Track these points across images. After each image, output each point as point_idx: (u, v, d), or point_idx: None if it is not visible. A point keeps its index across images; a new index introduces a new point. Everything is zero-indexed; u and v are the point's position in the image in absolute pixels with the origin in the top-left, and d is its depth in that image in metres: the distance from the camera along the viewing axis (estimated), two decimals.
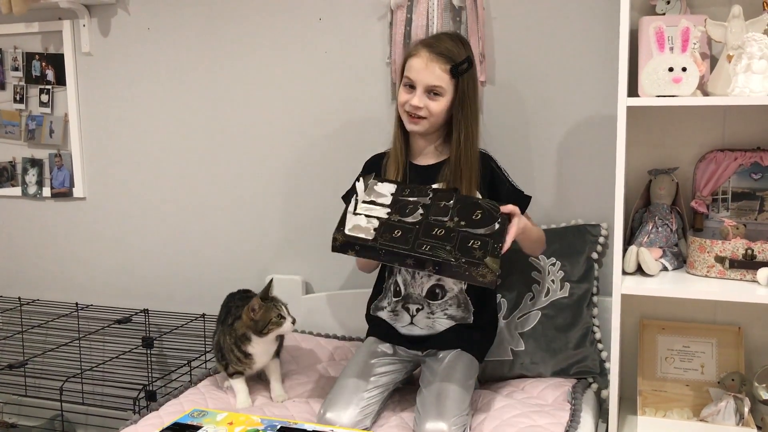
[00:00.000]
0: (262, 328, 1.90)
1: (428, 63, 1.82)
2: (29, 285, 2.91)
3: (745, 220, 1.92)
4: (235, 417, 1.59)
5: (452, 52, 1.82)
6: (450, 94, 1.83)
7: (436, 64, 1.81)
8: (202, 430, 1.52)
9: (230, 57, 2.49)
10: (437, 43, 1.84)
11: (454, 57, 1.82)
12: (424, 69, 1.82)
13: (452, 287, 1.89)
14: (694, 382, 1.99)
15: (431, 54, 1.82)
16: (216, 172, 2.58)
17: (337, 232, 1.68)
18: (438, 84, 1.82)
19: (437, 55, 1.81)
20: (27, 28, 2.72)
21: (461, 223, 1.70)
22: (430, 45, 1.84)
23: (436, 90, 1.82)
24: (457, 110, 1.85)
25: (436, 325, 1.89)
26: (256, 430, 1.53)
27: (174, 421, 1.58)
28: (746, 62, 1.65)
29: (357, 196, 1.77)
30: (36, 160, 2.81)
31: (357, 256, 1.74)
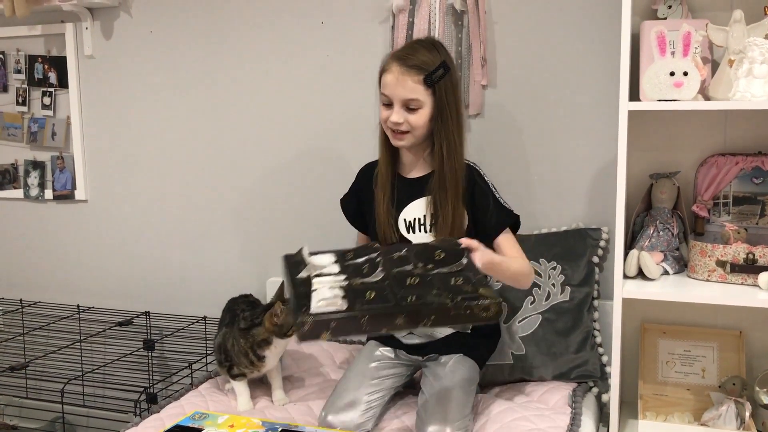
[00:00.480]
0: (286, 330, 1.91)
1: (399, 77, 1.75)
2: (31, 287, 2.91)
3: (746, 224, 1.92)
4: (236, 419, 1.59)
5: (424, 61, 1.75)
6: (429, 104, 1.77)
7: (408, 76, 1.74)
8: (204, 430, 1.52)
9: (232, 60, 2.50)
10: (407, 54, 1.77)
11: (426, 66, 1.74)
12: (396, 83, 1.76)
13: None
14: (695, 386, 1.99)
15: (402, 67, 1.75)
16: (217, 174, 2.58)
17: (302, 315, 1.39)
18: (413, 97, 1.75)
19: (408, 68, 1.75)
20: (30, 30, 2.73)
21: (428, 266, 1.52)
22: (400, 57, 1.77)
23: (413, 103, 1.76)
24: (436, 120, 1.78)
25: (436, 333, 1.89)
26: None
27: (175, 424, 1.58)
28: (747, 67, 1.66)
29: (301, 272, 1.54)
30: (38, 163, 2.82)
31: (333, 337, 1.42)
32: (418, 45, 1.81)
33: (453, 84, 1.79)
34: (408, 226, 1.87)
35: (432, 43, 1.82)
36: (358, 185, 2.01)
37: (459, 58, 2.21)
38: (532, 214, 2.20)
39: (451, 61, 1.81)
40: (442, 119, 1.77)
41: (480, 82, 2.19)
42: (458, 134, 1.81)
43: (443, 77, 1.76)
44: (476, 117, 2.24)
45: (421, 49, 1.78)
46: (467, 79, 2.21)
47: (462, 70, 2.21)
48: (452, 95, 1.78)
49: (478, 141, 2.24)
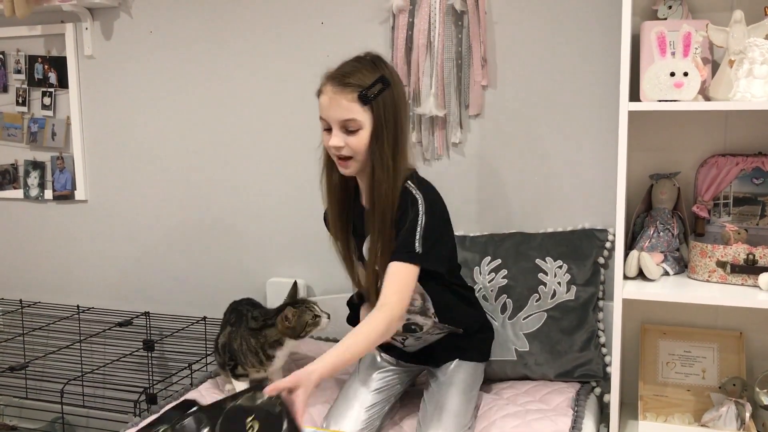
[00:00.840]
0: (300, 332, 1.92)
1: (333, 96, 1.62)
2: (31, 287, 2.91)
3: (747, 225, 1.92)
4: None
5: (357, 77, 1.61)
6: (369, 124, 1.62)
7: (342, 95, 1.61)
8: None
9: (232, 60, 2.50)
10: (340, 72, 1.65)
11: (360, 82, 1.61)
12: (330, 104, 1.63)
13: (425, 321, 1.81)
14: (695, 387, 1.98)
15: (334, 86, 1.63)
16: (217, 174, 2.58)
17: None
18: (349, 117, 1.61)
19: (341, 86, 1.62)
20: (30, 31, 2.73)
21: None
22: (333, 76, 1.65)
23: (351, 125, 1.62)
24: (372, 141, 1.62)
25: (429, 340, 1.87)
26: None
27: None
28: (748, 67, 1.66)
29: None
30: (38, 163, 2.82)
31: None
32: (353, 61, 1.68)
33: (394, 101, 1.64)
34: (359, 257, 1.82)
35: (369, 58, 1.69)
36: None
37: (459, 59, 2.21)
38: (536, 213, 2.20)
39: (393, 76, 1.66)
40: (378, 140, 1.62)
41: (480, 83, 2.19)
42: (393, 158, 1.63)
43: (381, 93, 1.61)
44: (476, 117, 2.23)
45: (355, 65, 1.66)
46: (467, 80, 2.21)
47: (462, 70, 2.21)
48: (392, 113, 1.63)
49: (478, 141, 2.24)
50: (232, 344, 1.97)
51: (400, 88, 1.68)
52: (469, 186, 2.26)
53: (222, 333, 2.05)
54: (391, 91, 1.63)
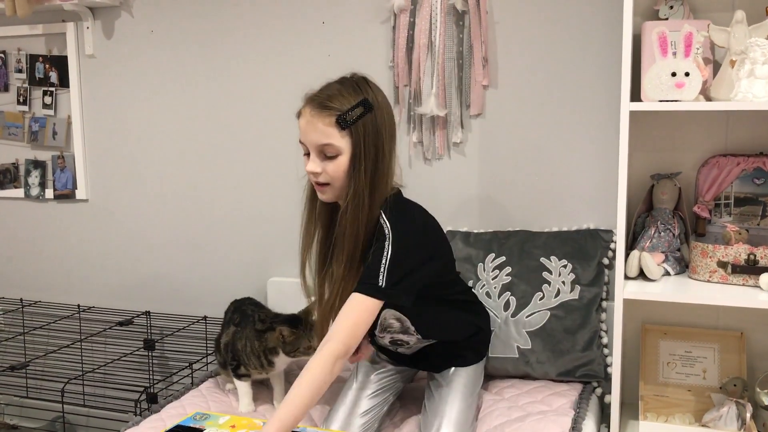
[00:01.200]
0: (290, 352, 1.90)
1: (310, 120, 1.55)
2: (31, 286, 2.91)
3: (748, 225, 1.92)
4: (237, 420, 1.59)
5: (337, 100, 1.54)
6: (348, 149, 1.54)
7: (319, 119, 1.54)
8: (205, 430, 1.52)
9: (233, 60, 2.50)
10: (319, 94, 1.57)
11: (339, 105, 1.53)
12: (307, 127, 1.56)
13: (410, 338, 1.79)
14: (696, 387, 1.98)
15: (313, 109, 1.56)
16: (219, 174, 2.58)
17: None
18: (326, 142, 1.54)
19: (319, 109, 1.54)
20: (31, 30, 2.73)
21: None
22: (312, 98, 1.58)
23: (328, 150, 1.54)
24: (350, 167, 1.54)
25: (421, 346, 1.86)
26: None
27: (176, 424, 1.58)
28: (749, 67, 1.66)
29: None
30: (39, 162, 2.82)
31: None
32: (335, 83, 1.60)
33: (376, 126, 1.55)
34: None
35: (353, 79, 1.60)
36: None
37: (460, 58, 2.21)
38: (537, 213, 2.20)
39: (378, 99, 1.57)
40: (355, 167, 1.54)
41: (481, 83, 2.19)
42: (371, 186, 1.55)
43: (361, 117, 1.53)
44: (477, 117, 2.23)
45: (336, 87, 1.58)
46: (468, 80, 2.21)
47: (463, 70, 2.21)
48: (372, 139, 1.54)
49: (480, 141, 2.24)
50: (236, 344, 1.97)
51: (384, 111, 1.59)
52: (470, 186, 2.26)
53: (225, 332, 2.05)
54: (373, 116, 1.55)
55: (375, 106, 1.56)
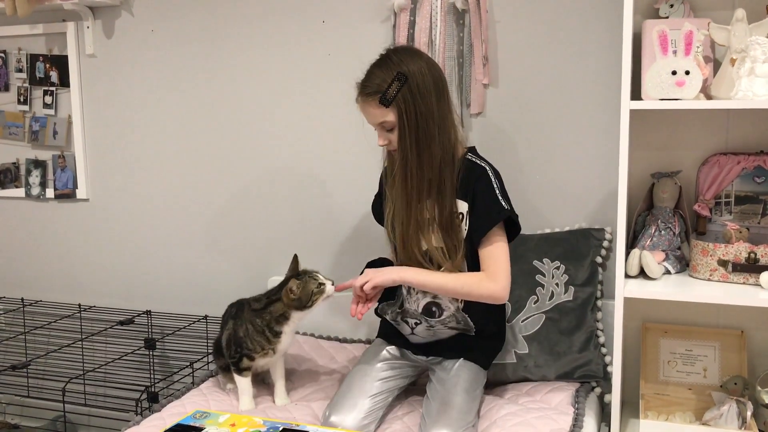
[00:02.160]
0: (306, 302, 1.91)
1: (363, 106, 1.79)
2: (32, 286, 2.91)
3: (748, 223, 1.92)
4: (237, 418, 1.59)
5: (375, 83, 1.74)
6: (397, 121, 1.75)
7: (368, 104, 1.76)
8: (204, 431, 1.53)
9: (234, 59, 2.50)
10: (363, 82, 1.78)
11: (378, 87, 1.73)
12: (365, 113, 1.80)
13: (449, 305, 1.86)
14: (696, 385, 1.98)
15: (361, 96, 1.78)
16: (219, 173, 2.58)
17: None
18: (381, 120, 1.76)
19: (365, 96, 1.76)
20: (31, 29, 2.73)
21: None
22: (359, 88, 1.79)
23: (386, 125, 1.77)
24: (401, 135, 1.76)
25: (438, 334, 1.89)
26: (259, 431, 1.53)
27: (176, 423, 1.58)
28: (749, 66, 1.66)
29: None
30: (39, 162, 2.82)
31: None
32: (373, 66, 1.78)
33: (414, 90, 1.73)
34: None
35: (386, 55, 1.79)
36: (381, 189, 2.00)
37: (460, 57, 2.21)
38: (535, 213, 2.20)
39: (410, 66, 1.73)
40: (401, 135, 1.75)
41: (482, 81, 2.19)
42: (416, 150, 1.75)
43: (399, 90, 1.72)
44: (478, 116, 2.23)
45: (373, 71, 1.77)
46: (469, 78, 2.21)
47: (464, 69, 2.21)
48: (413, 104, 1.73)
49: (480, 140, 2.24)
50: (237, 333, 1.97)
51: (421, 76, 1.73)
52: None
53: (224, 330, 2.05)
54: (410, 86, 1.72)
55: (409, 74, 1.72)
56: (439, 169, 1.77)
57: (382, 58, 1.79)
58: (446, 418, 1.70)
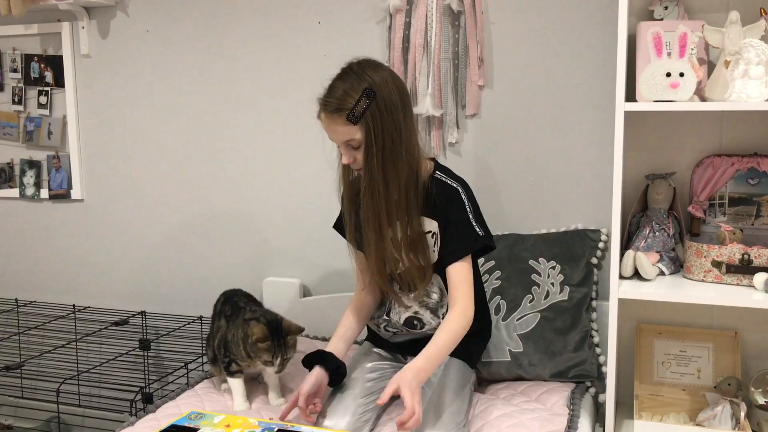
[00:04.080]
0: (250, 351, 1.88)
1: (328, 123, 1.70)
2: (26, 286, 2.91)
3: (742, 225, 1.93)
4: (232, 419, 1.59)
5: (342, 100, 1.65)
6: (363, 139, 1.67)
7: (333, 122, 1.67)
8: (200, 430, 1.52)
9: (229, 60, 2.50)
10: (328, 98, 1.68)
11: (345, 104, 1.65)
12: (328, 130, 1.71)
13: (430, 321, 1.85)
14: (690, 386, 1.99)
15: (326, 113, 1.69)
16: (214, 174, 2.58)
17: None
18: (347, 138, 1.68)
19: (330, 113, 1.67)
20: (26, 29, 2.73)
21: None
22: (323, 103, 1.70)
23: (352, 143, 1.69)
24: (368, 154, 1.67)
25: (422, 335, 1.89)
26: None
27: (171, 423, 1.58)
28: (743, 68, 1.66)
29: None
30: (34, 162, 2.81)
31: None
32: (338, 81, 1.70)
33: (382, 107, 1.66)
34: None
35: (352, 70, 1.69)
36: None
37: (456, 59, 2.21)
38: (531, 214, 2.20)
39: (377, 81, 1.66)
40: (368, 154, 1.67)
41: (477, 83, 2.20)
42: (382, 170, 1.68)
43: (368, 107, 1.64)
44: (473, 117, 2.24)
45: (339, 86, 1.68)
46: (464, 80, 2.21)
47: (459, 70, 2.21)
48: (380, 122, 1.65)
49: (475, 141, 2.25)
50: (227, 336, 1.96)
51: (387, 89, 1.67)
52: None
53: (216, 324, 2.04)
54: (378, 100, 1.65)
55: (377, 90, 1.65)
56: (406, 188, 1.72)
57: (346, 72, 1.70)
58: (436, 419, 1.70)
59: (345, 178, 1.84)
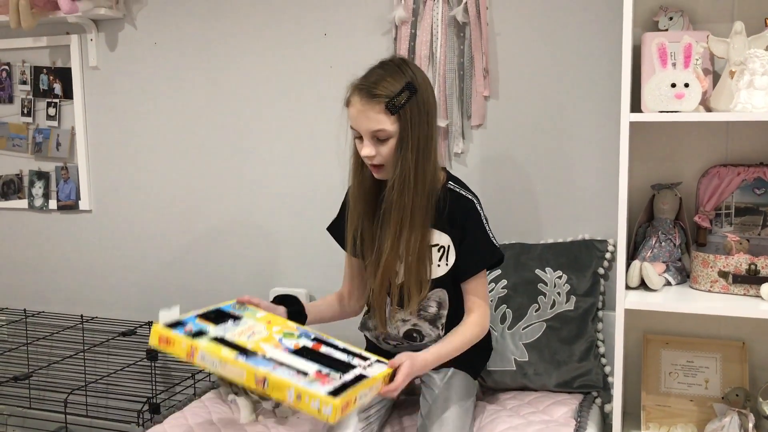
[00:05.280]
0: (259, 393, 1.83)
1: (361, 108, 1.63)
2: (35, 297, 2.92)
3: (749, 235, 1.92)
4: (273, 318, 1.64)
5: (384, 87, 1.61)
6: (396, 132, 1.64)
7: (369, 107, 1.62)
8: (242, 320, 1.58)
9: (236, 71, 2.51)
10: (366, 82, 1.64)
11: (387, 92, 1.61)
12: (359, 116, 1.64)
13: (429, 333, 1.83)
14: (698, 397, 1.98)
15: (362, 97, 1.63)
16: (221, 184, 2.59)
17: None
18: (378, 128, 1.63)
19: (368, 98, 1.62)
20: (35, 42, 2.75)
21: None
22: (360, 87, 1.65)
23: (381, 134, 1.63)
24: (398, 149, 1.64)
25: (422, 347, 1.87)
26: (292, 333, 1.58)
27: (217, 307, 1.63)
28: (748, 78, 1.66)
29: None
30: (42, 173, 2.83)
31: None
32: (379, 69, 1.67)
33: (420, 106, 1.64)
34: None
35: (394, 63, 1.67)
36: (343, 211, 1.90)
37: (461, 70, 2.22)
38: (537, 224, 2.20)
39: (419, 80, 1.65)
40: (402, 149, 1.64)
41: (482, 94, 2.20)
42: (415, 168, 1.64)
43: (408, 101, 1.62)
44: (478, 128, 2.24)
45: (380, 73, 1.64)
46: (470, 91, 2.22)
47: (464, 81, 2.22)
48: (418, 119, 1.63)
49: (481, 152, 2.25)
50: None
51: (427, 90, 1.67)
52: None
53: None
54: (418, 97, 1.64)
55: (418, 87, 1.64)
56: (429, 194, 1.69)
57: (386, 63, 1.68)
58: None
59: (356, 174, 1.78)
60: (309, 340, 1.58)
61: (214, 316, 1.60)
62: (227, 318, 1.60)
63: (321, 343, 1.58)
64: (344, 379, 1.45)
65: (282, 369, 1.42)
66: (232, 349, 1.45)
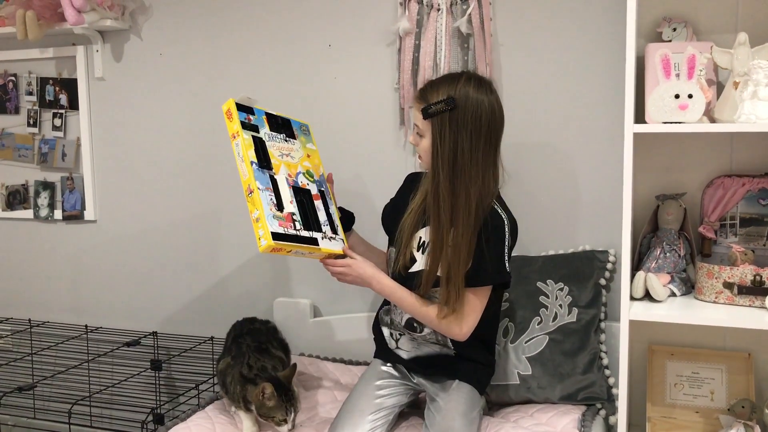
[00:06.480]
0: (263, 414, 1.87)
1: (413, 103, 1.84)
2: (39, 307, 2.93)
3: (754, 245, 1.91)
4: (314, 155, 1.97)
5: (430, 92, 1.74)
6: (429, 135, 1.74)
7: (416, 103, 1.79)
8: (295, 140, 1.92)
9: (241, 83, 2.52)
10: (427, 82, 1.81)
11: (429, 97, 1.73)
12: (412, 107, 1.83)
13: None
14: (703, 408, 1.97)
15: (417, 92, 1.83)
16: (226, 196, 2.60)
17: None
18: (415, 123, 1.79)
19: (418, 95, 1.79)
20: (41, 53, 2.77)
21: None
22: (423, 84, 1.84)
23: (417, 130, 1.78)
24: (433, 153, 1.74)
25: (422, 348, 1.90)
26: (312, 176, 1.89)
27: (288, 118, 1.94)
28: (752, 89, 1.66)
29: None
30: (48, 183, 2.84)
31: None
32: (444, 75, 1.82)
33: (458, 121, 1.69)
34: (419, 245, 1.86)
35: (459, 77, 1.75)
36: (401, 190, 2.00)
37: None
38: (539, 235, 2.20)
39: (464, 98, 1.69)
40: (434, 155, 1.73)
41: None
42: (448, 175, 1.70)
43: (442, 112, 1.70)
44: None
45: (440, 80, 1.77)
46: None
47: None
48: (450, 134, 1.69)
49: None
50: (225, 378, 1.99)
51: (475, 112, 1.69)
52: None
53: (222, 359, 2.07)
54: (455, 114, 1.69)
55: (459, 105, 1.69)
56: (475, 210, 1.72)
57: (456, 75, 1.77)
58: None
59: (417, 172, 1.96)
60: (316, 189, 1.82)
61: (279, 123, 1.88)
62: (285, 131, 1.89)
63: (321, 198, 1.81)
64: (301, 233, 1.72)
65: (268, 193, 1.72)
66: (258, 154, 1.71)
